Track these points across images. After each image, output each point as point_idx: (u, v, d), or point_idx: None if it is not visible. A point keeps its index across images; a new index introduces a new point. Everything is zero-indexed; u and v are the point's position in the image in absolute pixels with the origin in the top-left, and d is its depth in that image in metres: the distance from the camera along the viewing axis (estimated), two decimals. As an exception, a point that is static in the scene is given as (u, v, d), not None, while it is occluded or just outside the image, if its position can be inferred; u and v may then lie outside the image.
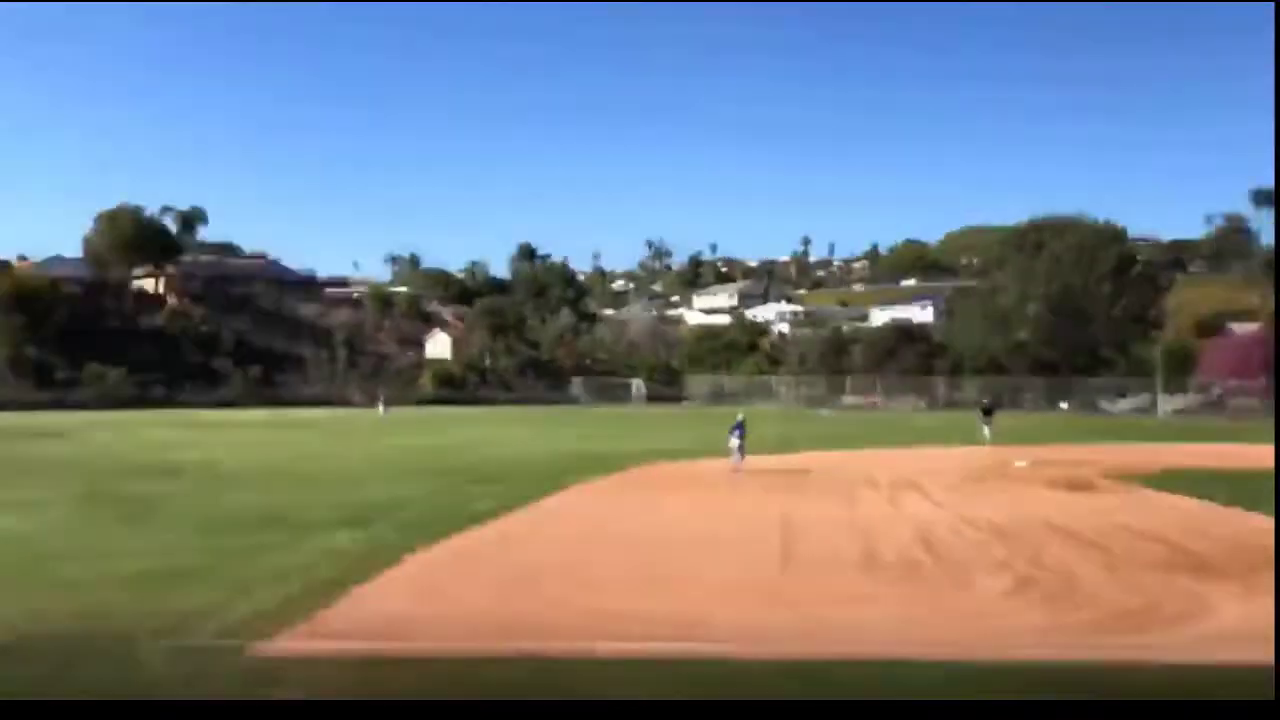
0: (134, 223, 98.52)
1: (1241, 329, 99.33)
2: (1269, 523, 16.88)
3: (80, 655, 9.29)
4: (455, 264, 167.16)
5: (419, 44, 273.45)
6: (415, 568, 13.62)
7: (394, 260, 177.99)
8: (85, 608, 11.12)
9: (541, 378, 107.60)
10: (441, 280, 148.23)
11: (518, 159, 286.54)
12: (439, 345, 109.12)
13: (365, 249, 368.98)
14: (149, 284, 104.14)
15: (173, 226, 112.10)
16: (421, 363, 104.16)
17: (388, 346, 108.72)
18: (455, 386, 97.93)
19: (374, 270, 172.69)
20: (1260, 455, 31.23)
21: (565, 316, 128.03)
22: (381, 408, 71.08)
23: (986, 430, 40.77)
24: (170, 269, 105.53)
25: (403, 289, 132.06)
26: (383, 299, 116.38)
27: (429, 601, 11.70)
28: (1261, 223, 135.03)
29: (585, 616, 10.98)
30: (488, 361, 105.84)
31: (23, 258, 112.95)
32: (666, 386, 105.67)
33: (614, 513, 19.94)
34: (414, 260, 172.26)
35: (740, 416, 29.25)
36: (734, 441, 27.73)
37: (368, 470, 27.88)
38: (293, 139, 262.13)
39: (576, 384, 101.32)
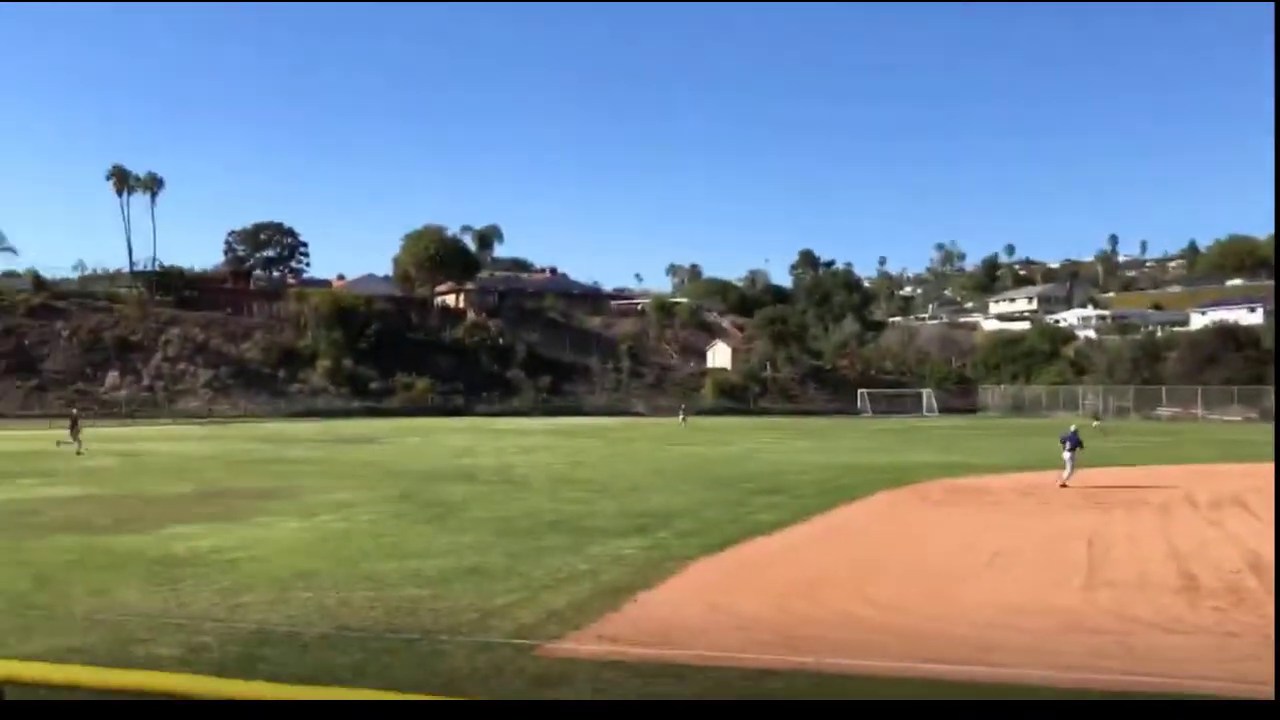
0: (437, 242, 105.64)
1: None
2: None
3: (389, 647, 9.87)
4: (735, 273, 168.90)
5: (693, 57, 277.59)
6: (699, 576, 13.65)
7: (675, 270, 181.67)
8: (393, 603, 11.85)
9: (824, 388, 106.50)
10: (721, 289, 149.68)
11: (798, 165, 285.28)
12: (719, 355, 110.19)
13: (648, 260, 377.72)
14: (450, 299, 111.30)
15: (471, 244, 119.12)
16: (703, 372, 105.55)
17: (670, 356, 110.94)
18: (735, 397, 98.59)
19: (656, 281, 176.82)
20: None
21: (849, 325, 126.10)
22: (682, 416, 73.06)
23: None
24: (469, 285, 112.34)
25: (683, 299, 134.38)
26: (664, 309, 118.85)
27: (713, 610, 11.66)
28: None
29: (871, 633, 10.60)
30: (768, 371, 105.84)
31: (340, 277, 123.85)
32: (959, 397, 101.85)
33: (902, 527, 19.29)
34: (695, 270, 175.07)
35: (1073, 427, 27.52)
36: (1066, 454, 26.14)
37: (651, 478, 28.40)
38: (577, 155, 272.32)
39: (861, 395, 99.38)
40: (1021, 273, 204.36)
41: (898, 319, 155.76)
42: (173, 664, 8.97)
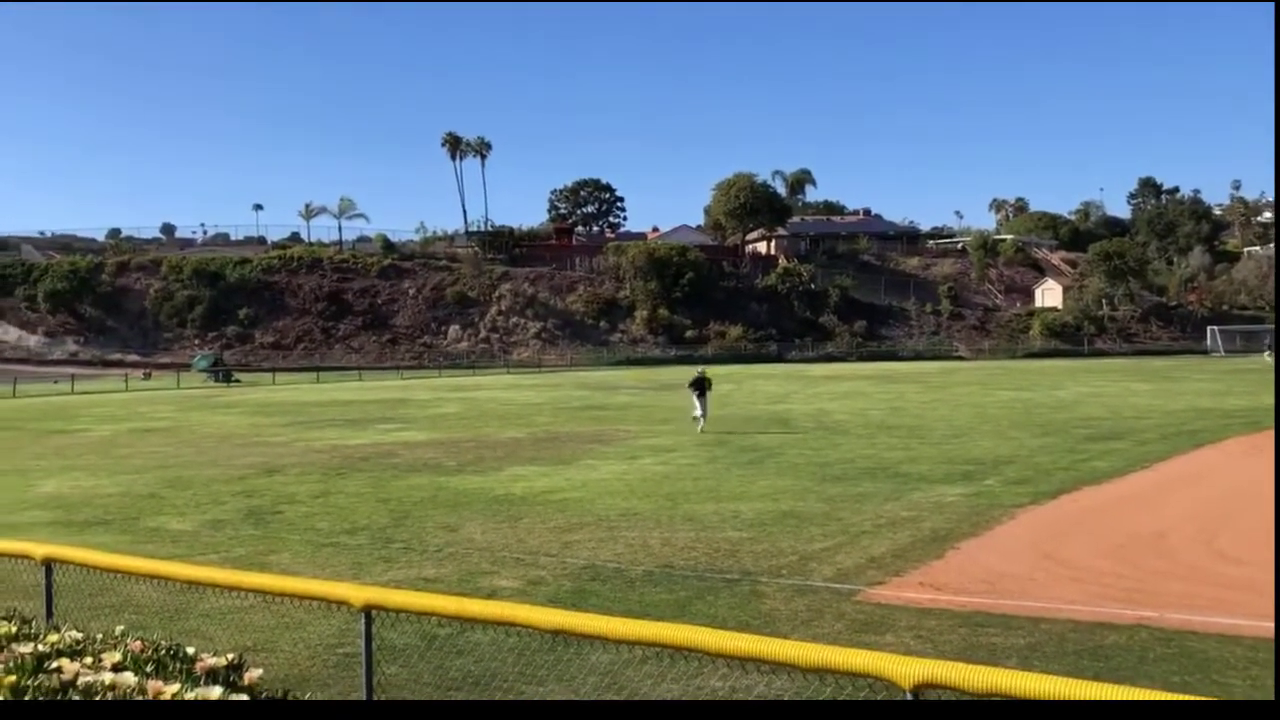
0: (747, 190, 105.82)
1: None
2: None
3: (711, 587, 10.10)
4: (1066, 205, 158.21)
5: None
6: (1029, 525, 13.05)
7: (998, 205, 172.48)
8: (714, 543, 12.12)
9: (1168, 326, 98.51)
10: (1050, 224, 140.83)
11: (1133, 82, 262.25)
12: (1049, 294, 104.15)
13: (969, 196, 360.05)
14: (762, 246, 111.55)
15: (782, 190, 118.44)
16: (1031, 312, 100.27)
17: (994, 297, 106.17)
18: (1067, 338, 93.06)
19: (978, 218, 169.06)
20: None
21: (1197, 256, 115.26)
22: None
23: None
24: (780, 230, 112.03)
25: (1008, 236, 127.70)
26: (987, 247, 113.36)
27: (1044, 560, 11.11)
28: None
29: (1223, 588, 9.73)
30: (1104, 310, 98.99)
31: (655, 229, 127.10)
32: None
33: (1260, 475, 17.51)
34: (1020, 205, 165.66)
35: None
36: None
37: (975, 424, 27.39)
38: (887, 91, 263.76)
39: (1212, 332, 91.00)
40: None
41: (1255, 248, 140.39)
42: (512, 595, 9.62)
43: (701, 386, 26.34)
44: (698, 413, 26.08)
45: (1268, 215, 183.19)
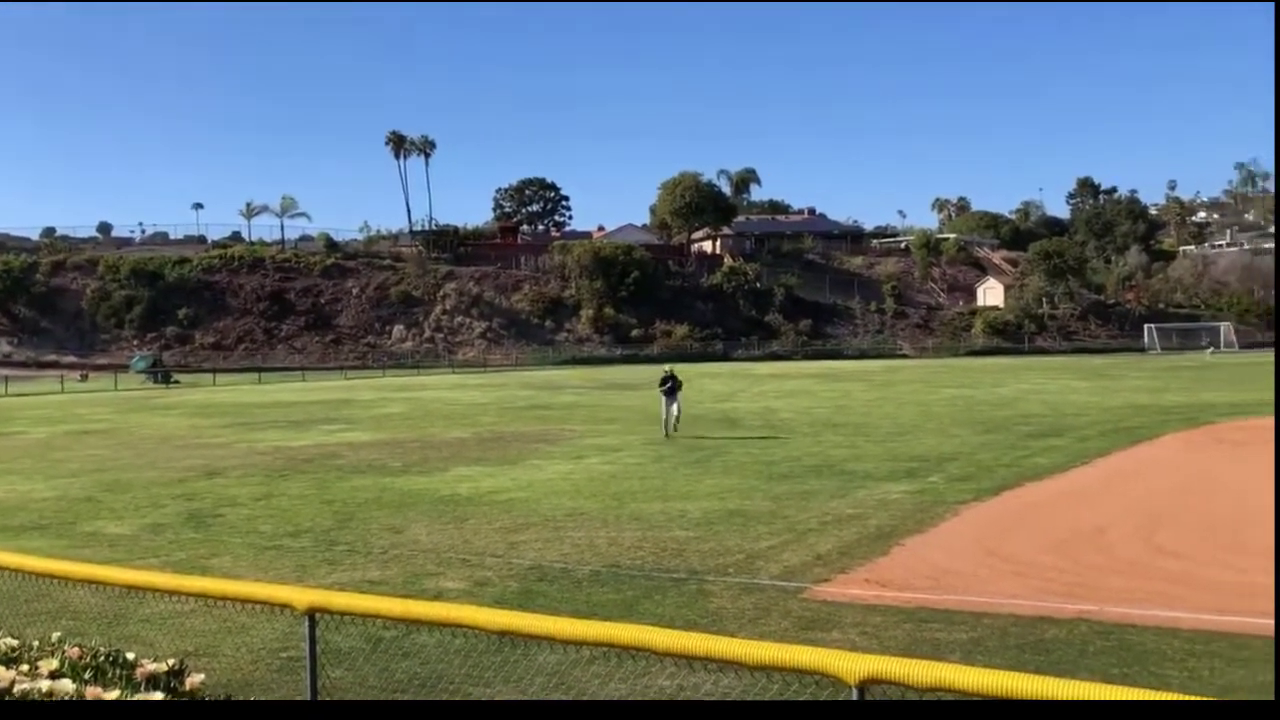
0: (693, 189, 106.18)
1: None
2: None
3: (658, 586, 10.11)
4: (1007, 205, 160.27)
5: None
6: (972, 521, 13.21)
7: (941, 205, 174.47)
8: (661, 543, 12.14)
9: (1106, 324, 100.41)
10: (991, 223, 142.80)
11: (1072, 84, 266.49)
12: (990, 293, 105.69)
13: (911, 195, 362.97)
14: (707, 245, 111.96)
15: (727, 189, 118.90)
16: (973, 311, 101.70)
17: (936, 295, 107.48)
18: (1008, 336, 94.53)
19: (920, 217, 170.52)
20: None
21: (1134, 256, 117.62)
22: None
23: None
24: (726, 229, 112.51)
25: (950, 235, 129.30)
26: (930, 246, 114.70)
27: (987, 556, 11.26)
28: None
29: (1162, 582, 9.92)
30: (1044, 308, 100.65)
31: (600, 228, 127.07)
32: (1263, 331, 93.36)
33: (1196, 471, 17.93)
34: (962, 204, 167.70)
35: None
36: None
37: (919, 422, 27.69)
38: (831, 89, 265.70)
39: (1149, 330, 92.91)
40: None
41: (1190, 248, 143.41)
42: (458, 596, 9.55)
43: (671, 386, 24.93)
44: (668, 417, 24.70)
45: (1202, 215, 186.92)
